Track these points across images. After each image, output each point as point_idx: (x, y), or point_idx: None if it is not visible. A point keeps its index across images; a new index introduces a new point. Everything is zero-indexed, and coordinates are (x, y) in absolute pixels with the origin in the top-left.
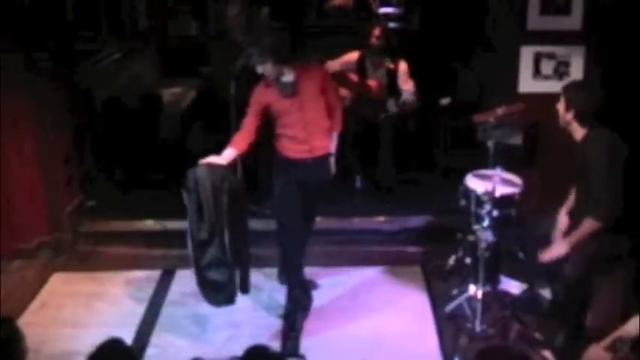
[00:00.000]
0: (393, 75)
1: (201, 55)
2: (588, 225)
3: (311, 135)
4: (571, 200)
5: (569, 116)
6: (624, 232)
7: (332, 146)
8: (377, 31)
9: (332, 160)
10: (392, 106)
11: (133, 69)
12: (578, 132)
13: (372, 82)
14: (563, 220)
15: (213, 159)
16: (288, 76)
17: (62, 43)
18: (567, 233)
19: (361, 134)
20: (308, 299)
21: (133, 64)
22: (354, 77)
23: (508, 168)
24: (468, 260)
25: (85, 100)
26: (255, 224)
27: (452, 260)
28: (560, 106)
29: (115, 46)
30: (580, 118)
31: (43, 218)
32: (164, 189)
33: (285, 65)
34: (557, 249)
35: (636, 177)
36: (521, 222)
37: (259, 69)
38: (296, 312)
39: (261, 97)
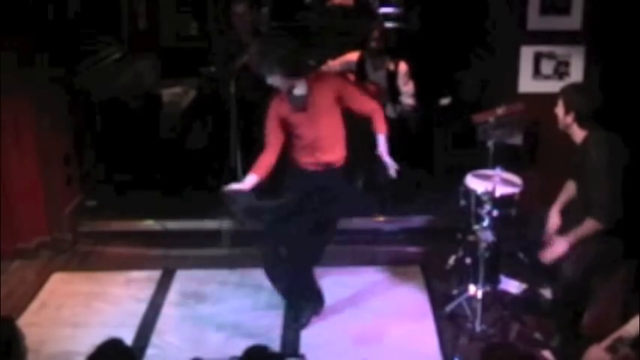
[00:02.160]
0: (393, 76)
1: (201, 55)
2: (589, 226)
3: (323, 148)
4: (563, 198)
5: (569, 119)
6: (626, 233)
7: (380, 149)
8: (377, 32)
9: (385, 160)
10: (391, 112)
11: (133, 69)
12: (578, 134)
13: (371, 84)
14: (554, 219)
15: (235, 187)
16: (300, 89)
17: (62, 42)
18: (562, 232)
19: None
20: (320, 301)
21: (133, 64)
22: (353, 78)
23: (508, 168)
24: (468, 260)
25: (85, 100)
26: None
27: (452, 260)
28: (559, 110)
29: (115, 46)
30: (580, 120)
31: (42, 218)
32: (164, 189)
33: (296, 78)
34: (557, 248)
35: (637, 179)
36: (521, 222)
37: (269, 80)
38: (305, 309)
39: (276, 111)
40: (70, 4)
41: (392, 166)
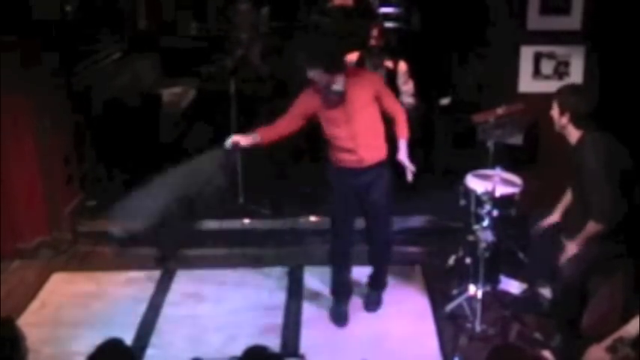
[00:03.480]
0: (392, 75)
1: (201, 55)
2: (591, 227)
3: (360, 146)
4: (566, 199)
5: (565, 120)
6: (625, 233)
7: (401, 153)
8: (376, 31)
9: (406, 164)
10: None
11: (133, 69)
12: (574, 135)
13: None
14: (554, 217)
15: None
16: (339, 85)
17: (62, 42)
18: (561, 232)
19: None
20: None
21: (133, 64)
22: None
23: (508, 168)
24: (468, 260)
25: (85, 100)
26: (255, 224)
27: (452, 260)
28: (555, 112)
29: (115, 46)
30: (575, 121)
31: (42, 218)
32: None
33: (336, 73)
34: (569, 252)
35: (635, 178)
36: (521, 222)
37: (309, 74)
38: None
39: (307, 102)
40: (71, 4)
41: (410, 169)
